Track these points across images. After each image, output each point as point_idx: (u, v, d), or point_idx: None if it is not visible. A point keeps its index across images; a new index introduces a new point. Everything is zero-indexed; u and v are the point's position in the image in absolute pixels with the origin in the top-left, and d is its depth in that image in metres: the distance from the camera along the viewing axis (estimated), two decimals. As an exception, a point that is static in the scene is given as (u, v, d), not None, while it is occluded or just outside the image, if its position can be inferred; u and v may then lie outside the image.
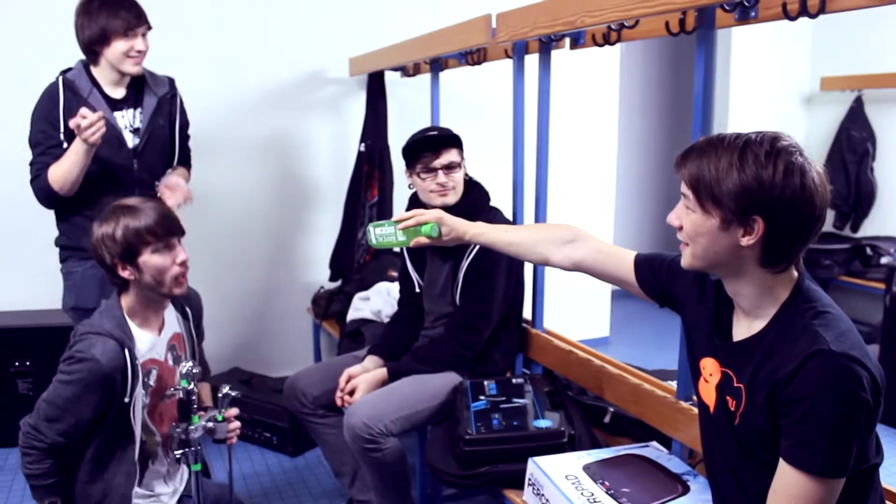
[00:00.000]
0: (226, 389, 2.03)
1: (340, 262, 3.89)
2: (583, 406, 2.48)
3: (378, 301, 3.30)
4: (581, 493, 1.74)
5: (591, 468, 1.86)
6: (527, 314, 2.73)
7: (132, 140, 2.53)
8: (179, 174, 2.69)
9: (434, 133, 2.52)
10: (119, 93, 2.54)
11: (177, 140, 2.68)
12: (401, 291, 2.80)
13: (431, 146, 2.47)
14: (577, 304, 4.40)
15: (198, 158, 2.87)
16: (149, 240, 1.86)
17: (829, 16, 1.68)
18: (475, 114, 4.09)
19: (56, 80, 2.49)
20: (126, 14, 2.42)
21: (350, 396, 2.44)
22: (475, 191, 2.57)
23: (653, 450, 2.00)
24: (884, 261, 4.59)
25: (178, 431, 1.93)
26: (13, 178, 3.39)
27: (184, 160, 2.78)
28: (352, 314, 3.38)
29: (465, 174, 2.54)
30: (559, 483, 1.79)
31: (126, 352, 1.82)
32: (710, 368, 1.52)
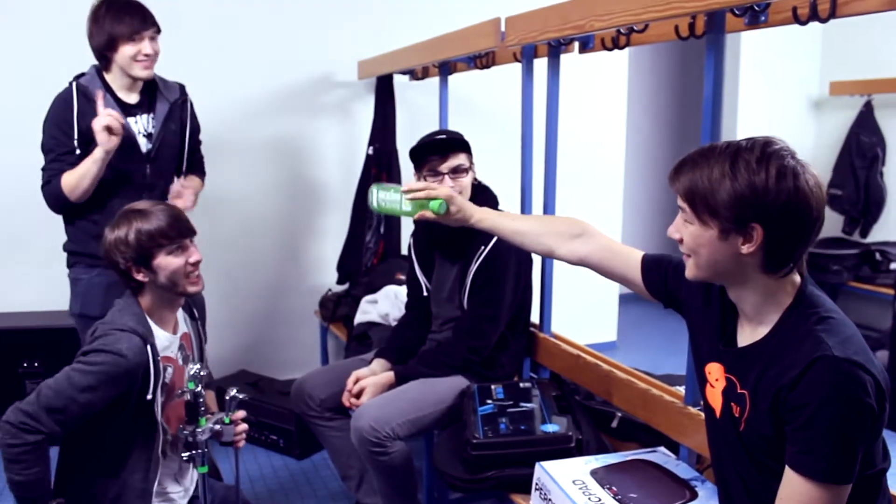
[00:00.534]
0: (233, 392, 2.04)
1: (348, 265, 3.90)
2: (590, 411, 2.48)
3: (386, 304, 3.30)
4: (588, 499, 1.74)
5: (599, 473, 1.86)
6: (534, 318, 2.73)
7: (145, 145, 2.54)
8: (189, 182, 2.69)
9: (442, 137, 2.52)
10: (132, 98, 2.54)
11: (186, 145, 2.68)
12: (408, 295, 2.80)
13: (439, 150, 2.47)
14: (584, 309, 4.39)
15: (208, 161, 2.87)
16: (162, 242, 1.88)
17: (839, 20, 1.68)
18: (483, 117, 4.10)
19: (70, 86, 2.48)
20: (130, 19, 2.42)
21: (357, 399, 2.44)
22: (484, 195, 2.56)
23: (661, 455, 1.99)
24: (893, 266, 4.57)
25: (186, 434, 1.94)
26: (23, 181, 3.43)
27: (195, 166, 2.77)
28: (359, 317, 3.38)
29: (474, 178, 2.55)
30: (566, 488, 1.79)
31: (149, 348, 1.83)
32: (716, 374, 1.52)
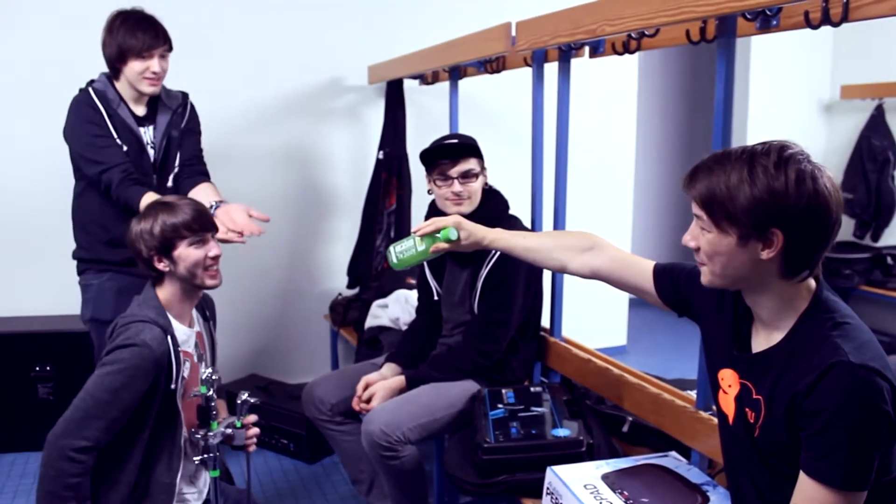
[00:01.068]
0: (245, 396, 2.05)
1: (358, 270, 3.90)
2: (601, 415, 2.47)
3: (396, 308, 3.30)
4: (600, 503, 1.74)
5: (610, 478, 1.85)
6: (545, 322, 2.73)
7: (153, 155, 2.55)
8: (212, 190, 2.56)
9: (453, 141, 2.53)
10: (140, 110, 2.55)
11: (181, 143, 2.61)
12: (419, 299, 2.80)
13: (450, 154, 2.48)
14: (594, 313, 4.38)
15: (218, 166, 2.87)
16: (185, 234, 1.94)
17: (850, 24, 1.67)
18: (493, 122, 4.10)
19: (86, 90, 2.50)
20: (143, 35, 2.42)
21: (367, 404, 2.44)
22: (494, 199, 2.57)
23: (672, 460, 1.98)
24: (904, 270, 4.56)
25: (198, 437, 1.94)
26: (37, 186, 3.46)
27: (199, 173, 2.68)
28: (370, 321, 3.38)
29: (485, 183, 2.55)
30: (578, 492, 1.78)
31: (169, 339, 1.87)
32: (729, 380, 1.51)
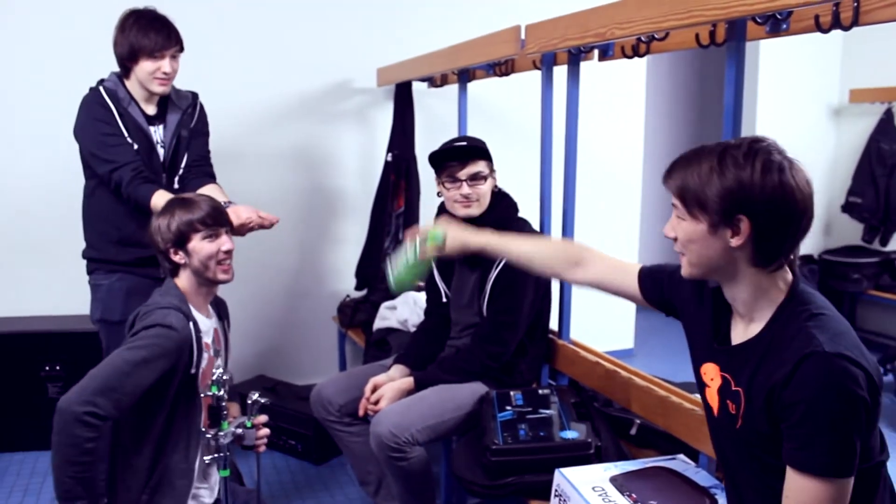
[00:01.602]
0: (255, 396, 2.07)
1: (367, 271, 3.91)
2: (609, 417, 2.47)
3: (405, 310, 3.31)
4: (608, 505, 1.74)
5: (618, 480, 1.85)
6: (553, 325, 2.73)
7: (162, 154, 2.56)
8: (218, 191, 2.54)
9: (462, 143, 2.54)
10: (150, 109, 2.56)
11: (189, 145, 2.62)
12: (427, 301, 2.80)
13: (458, 156, 2.48)
14: (601, 316, 4.37)
15: (227, 168, 2.89)
16: (199, 227, 2.04)
17: (859, 27, 1.68)
18: (502, 125, 4.11)
19: (97, 89, 2.51)
20: (155, 35, 2.43)
21: (375, 405, 2.45)
22: (504, 202, 2.58)
23: (680, 462, 1.98)
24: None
25: (209, 437, 1.95)
26: (47, 185, 3.48)
27: (206, 174, 2.68)
28: (378, 323, 3.39)
29: (495, 186, 2.55)
30: (586, 494, 1.78)
31: (191, 325, 1.94)
32: (711, 373, 1.55)
